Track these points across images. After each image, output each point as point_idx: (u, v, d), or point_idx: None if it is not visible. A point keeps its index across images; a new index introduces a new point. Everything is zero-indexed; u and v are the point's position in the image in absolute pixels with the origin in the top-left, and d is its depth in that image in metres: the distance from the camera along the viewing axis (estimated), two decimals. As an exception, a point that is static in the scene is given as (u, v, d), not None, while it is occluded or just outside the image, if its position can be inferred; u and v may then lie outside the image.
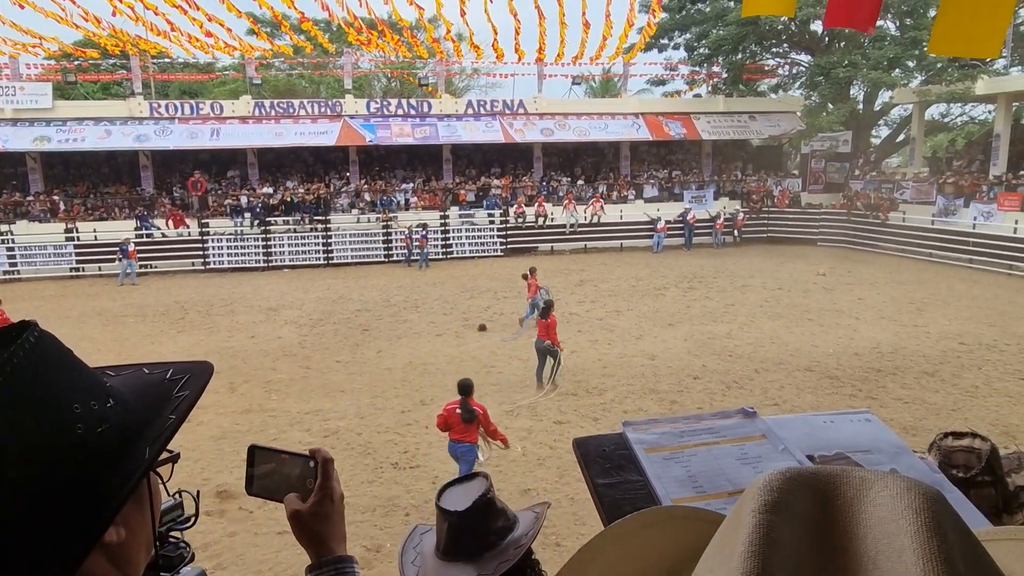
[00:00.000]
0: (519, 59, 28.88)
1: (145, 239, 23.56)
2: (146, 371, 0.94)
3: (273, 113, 26.84)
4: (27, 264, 23.03)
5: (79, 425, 0.77)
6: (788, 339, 13.23)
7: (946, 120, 34.29)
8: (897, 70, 27.49)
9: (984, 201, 22.37)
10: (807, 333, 13.66)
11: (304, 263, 24.42)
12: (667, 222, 26.42)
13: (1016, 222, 20.73)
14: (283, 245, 24.63)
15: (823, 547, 0.44)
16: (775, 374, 11.13)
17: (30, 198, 25.53)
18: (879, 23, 26.52)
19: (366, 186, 27.63)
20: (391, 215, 25.61)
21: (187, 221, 24.59)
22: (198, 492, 1.50)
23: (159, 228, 24.33)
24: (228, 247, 24.21)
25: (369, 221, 25.62)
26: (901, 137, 33.07)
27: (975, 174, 24.30)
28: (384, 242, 25.27)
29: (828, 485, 0.46)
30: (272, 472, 1.14)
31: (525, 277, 15.58)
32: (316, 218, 25.23)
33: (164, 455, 0.93)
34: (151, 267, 23.07)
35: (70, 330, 14.30)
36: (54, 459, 0.75)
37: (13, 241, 23.17)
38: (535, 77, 29.91)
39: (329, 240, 24.91)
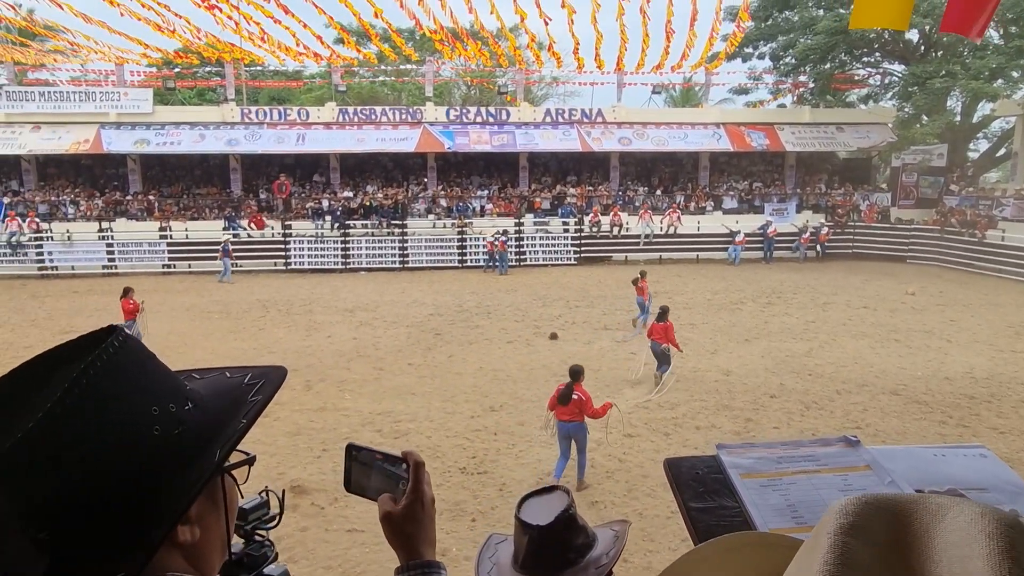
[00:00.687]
0: (599, 68, 28.80)
1: (232, 239, 24.64)
2: (227, 374, 0.99)
3: (356, 119, 27.62)
4: (124, 260, 24.41)
5: (156, 427, 0.81)
6: (873, 360, 12.65)
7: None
8: (1000, 80, 25.97)
9: (1096, 221, 20.86)
10: (893, 354, 13.02)
11: (381, 266, 24.95)
12: (746, 235, 25.75)
13: None
14: (361, 248, 25.25)
15: (897, 569, 0.44)
16: (858, 396, 10.64)
17: (129, 197, 27.09)
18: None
19: (443, 192, 28.06)
20: (467, 221, 25.90)
21: (269, 223, 25.56)
22: (283, 492, 1.53)
23: (245, 229, 25.37)
24: (309, 249, 25.02)
25: (445, 227, 25.99)
26: (1002, 151, 31.25)
27: (1086, 192, 22.69)
28: (459, 247, 25.57)
29: (905, 510, 0.47)
30: (367, 472, 1.16)
31: (635, 281, 15.69)
32: (394, 222, 25.77)
33: (240, 457, 0.98)
34: (237, 265, 24.09)
35: (162, 324, 15.04)
36: (130, 458, 0.79)
37: (112, 238, 24.62)
38: (615, 86, 29.78)
39: (405, 244, 25.39)
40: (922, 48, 28.68)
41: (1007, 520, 0.43)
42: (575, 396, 7.68)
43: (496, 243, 24.24)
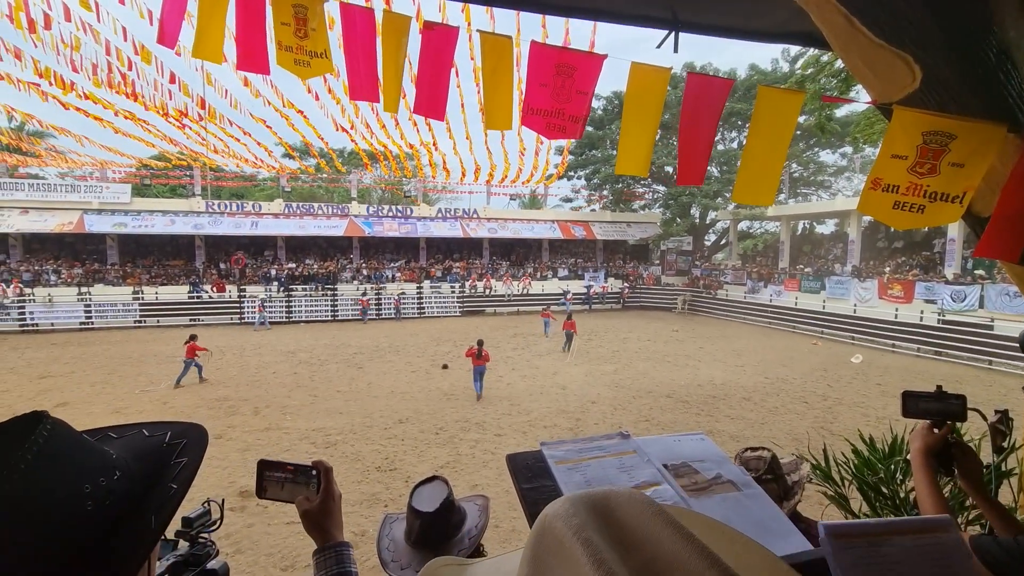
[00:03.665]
0: (475, 180, 29.47)
1: (195, 299, 22.45)
2: (146, 432, 0.80)
3: (298, 212, 26.45)
4: (100, 317, 21.48)
5: (89, 503, 0.66)
6: (655, 375, 13.45)
7: (751, 230, 36.61)
8: (719, 199, 29.34)
9: (775, 283, 23.69)
10: (667, 371, 13.93)
11: (316, 319, 23.65)
12: (573, 293, 26.86)
13: (796, 298, 22.00)
14: (301, 305, 23.87)
15: (627, 546, 0.42)
16: (647, 400, 11.24)
17: (107, 267, 24.08)
18: (711, 169, 28.40)
19: (364, 264, 27.25)
20: (381, 286, 25.24)
21: (227, 287, 23.60)
22: (223, 500, 1.39)
23: (207, 291, 23.24)
24: (261, 307, 23.26)
25: (367, 293, 25.16)
26: (724, 241, 35.00)
27: (769, 266, 25.79)
28: (376, 304, 24.80)
29: (597, 503, 0.44)
30: (282, 480, 1.07)
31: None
32: (327, 286, 24.62)
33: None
34: (198, 321, 21.90)
35: (133, 368, 13.29)
36: (70, 534, 0.64)
37: (91, 299, 21.67)
38: (484, 194, 30.55)
39: (336, 302, 24.27)
40: (674, 177, 31.82)
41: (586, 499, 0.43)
42: (484, 351, 11.27)
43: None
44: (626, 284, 28.89)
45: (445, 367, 14.18)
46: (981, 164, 1.58)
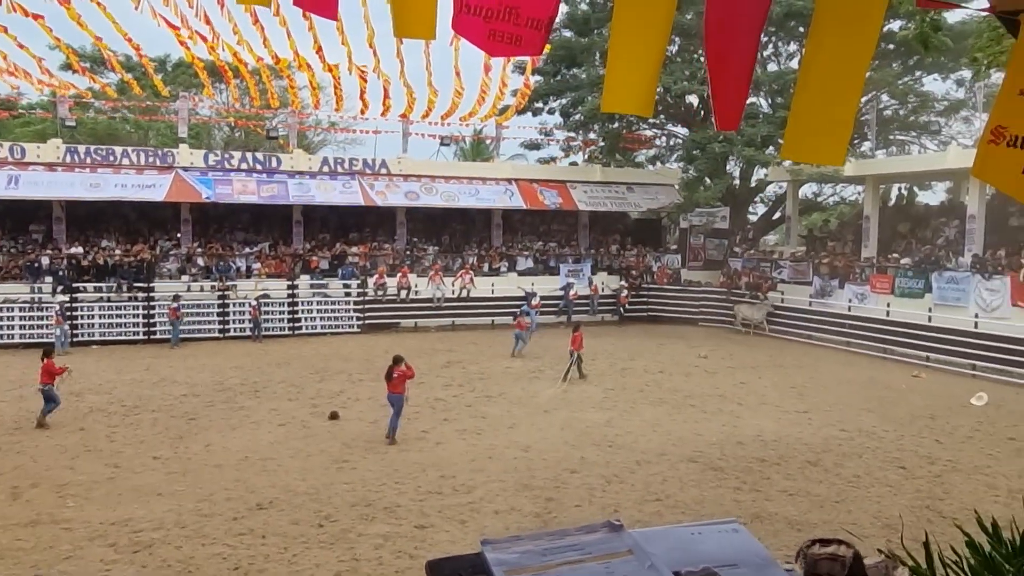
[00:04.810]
0: (384, 114, 29.29)
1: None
2: None
3: (89, 161, 25.53)
4: None
5: None
6: (671, 427, 13.76)
7: (819, 199, 37.96)
8: (771, 148, 30.20)
9: (858, 283, 24.68)
10: (690, 420, 14.29)
11: (119, 338, 22.92)
12: (541, 298, 27.10)
13: (888, 305, 22.99)
14: (93, 316, 23.05)
15: None
16: (658, 466, 11.49)
17: None
18: (751, 100, 29.31)
19: (200, 249, 26.60)
20: (230, 283, 24.71)
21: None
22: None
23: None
24: (22, 317, 22.31)
25: (203, 290, 24.55)
26: (777, 215, 36.14)
27: (848, 255, 26.86)
28: (220, 315, 24.24)
29: None
30: None
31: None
32: (137, 285, 23.88)
33: None
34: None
35: None
36: None
37: None
38: (399, 135, 30.39)
39: (151, 311, 23.57)
40: (702, 113, 32.67)
41: None
42: (395, 374, 12.56)
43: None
44: (625, 283, 29.41)
45: (334, 416, 14.09)
46: None
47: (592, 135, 33.62)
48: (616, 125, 32.14)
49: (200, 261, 26.03)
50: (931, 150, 32.19)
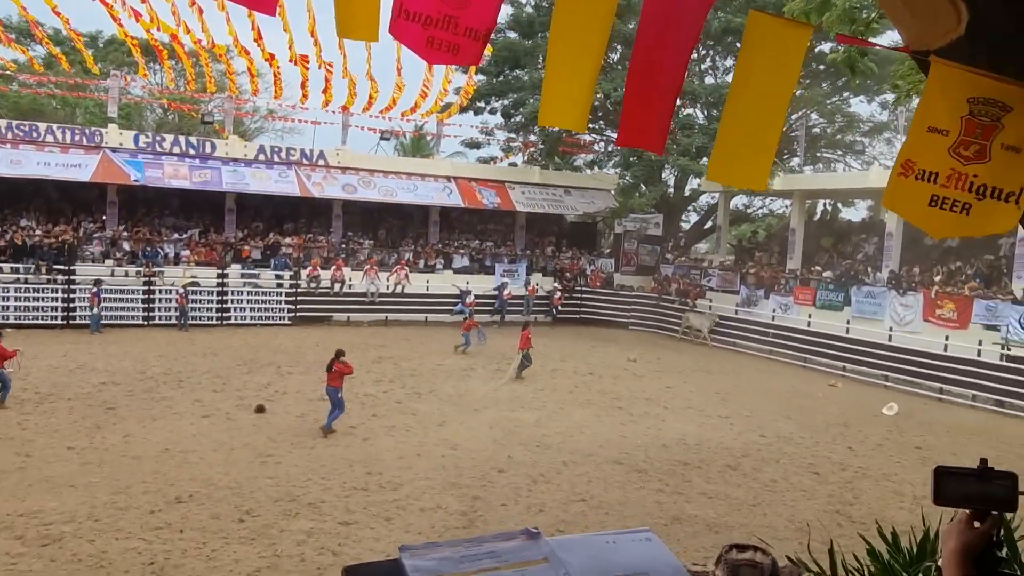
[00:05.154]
0: (324, 105, 28.82)
1: None
2: None
3: (10, 136, 24.45)
4: None
5: None
6: (598, 429, 13.95)
7: (749, 211, 39.04)
8: (704, 159, 30.87)
9: (782, 293, 25.44)
10: (617, 423, 14.50)
11: (36, 322, 22.00)
12: (476, 297, 27.14)
13: (809, 316, 23.78)
14: (8, 298, 22.08)
15: None
16: (584, 467, 11.63)
17: None
18: (688, 111, 29.93)
19: (126, 233, 25.74)
20: (157, 270, 23.99)
21: None
22: None
23: None
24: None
25: (127, 275, 23.76)
26: (709, 224, 37.02)
27: (774, 266, 27.68)
28: (145, 301, 23.51)
29: None
30: None
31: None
32: (57, 267, 22.95)
33: None
34: None
35: None
36: None
37: None
38: (339, 127, 29.98)
39: (72, 295, 22.68)
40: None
41: None
42: (334, 368, 12.70)
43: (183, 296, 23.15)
44: (559, 285, 29.66)
45: (260, 409, 13.84)
46: (1045, 151, 1.82)
47: (532, 137, 33.80)
48: (556, 129, 32.32)
49: (126, 245, 25.18)
50: (855, 169, 33.49)
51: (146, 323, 23.27)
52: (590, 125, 32.82)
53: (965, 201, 1.88)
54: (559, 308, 29.06)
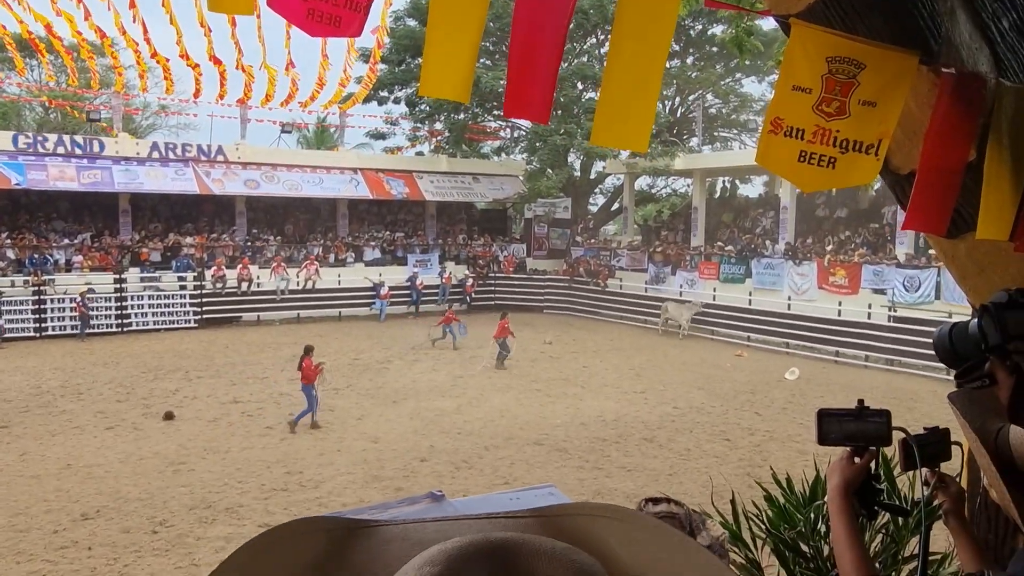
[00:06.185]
0: (220, 98, 27.86)
1: None
2: None
3: None
4: None
5: None
6: (518, 412, 14.10)
7: (653, 191, 40.00)
8: (610, 141, 31.42)
9: (688, 269, 26.24)
10: (536, 405, 14.69)
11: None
12: (390, 288, 26.91)
13: (714, 289, 24.61)
14: None
15: None
16: (505, 450, 11.74)
17: None
18: (590, 95, 30.36)
19: (9, 241, 24.32)
20: (46, 278, 22.76)
21: None
22: None
23: None
24: None
25: (13, 285, 22.44)
26: (616, 206, 37.73)
27: (679, 244, 28.49)
28: (36, 312, 22.27)
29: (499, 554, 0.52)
30: None
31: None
32: (-67, 282, 21.50)
33: None
34: None
35: None
36: None
37: None
38: (238, 121, 29.08)
39: (-48, 310, 21.30)
40: (542, 105, 33.44)
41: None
42: (303, 365, 12.90)
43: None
44: (471, 272, 29.70)
45: (169, 416, 13.40)
46: (894, 104, 1.99)
47: (438, 125, 33.62)
48: (462, 116, 32.29)
49: (10, 254, 23.78)
50: (750, 147, 34.64)
51: (38, 335, 22.05)
52: (495, 111, 32.95)
53: (830, 155, 2.02)
54: (472, 295, 29.08)
